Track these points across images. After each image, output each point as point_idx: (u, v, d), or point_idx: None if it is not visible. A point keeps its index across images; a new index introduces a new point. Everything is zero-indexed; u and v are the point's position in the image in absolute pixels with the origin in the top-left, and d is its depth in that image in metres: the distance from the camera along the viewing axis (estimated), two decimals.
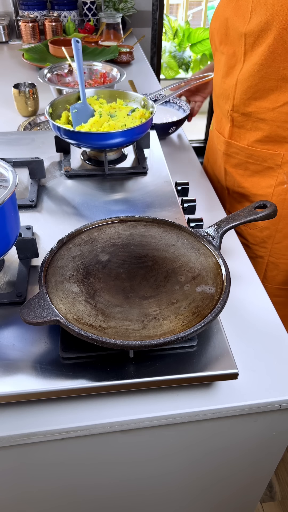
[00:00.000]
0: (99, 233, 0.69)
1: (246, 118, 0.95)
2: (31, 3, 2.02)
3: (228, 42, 0.92)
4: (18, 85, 1.32)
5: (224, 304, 0.57)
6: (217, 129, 1.07)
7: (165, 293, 0.59)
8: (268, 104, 0.89)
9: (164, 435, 0.59)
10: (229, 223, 0.69)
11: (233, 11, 0.87)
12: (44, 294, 0.56)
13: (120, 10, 2.14)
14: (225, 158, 1.05)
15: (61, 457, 0.59)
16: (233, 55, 0.92)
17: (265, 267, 1.06)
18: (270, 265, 1.06)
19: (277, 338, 0.65)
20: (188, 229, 0.70)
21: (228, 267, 0.62)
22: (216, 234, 0.68)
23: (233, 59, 0.92)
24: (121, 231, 0.70)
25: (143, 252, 0.66)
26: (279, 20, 0.78)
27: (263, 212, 0.70)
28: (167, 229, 0.71)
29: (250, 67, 0.88)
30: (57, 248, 0.65)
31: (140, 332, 0.53)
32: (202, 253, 0.66)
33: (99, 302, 0.57)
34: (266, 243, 1.03)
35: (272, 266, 1.06)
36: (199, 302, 0.57)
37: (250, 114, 0.93)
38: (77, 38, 0.94)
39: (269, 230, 1.01)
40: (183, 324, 0.54)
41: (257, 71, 0.86)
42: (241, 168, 1.02)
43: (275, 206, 0.70)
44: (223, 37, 0.93)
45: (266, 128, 0.92)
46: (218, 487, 0.73)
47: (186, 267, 0.63)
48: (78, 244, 0.67)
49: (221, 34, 0.93)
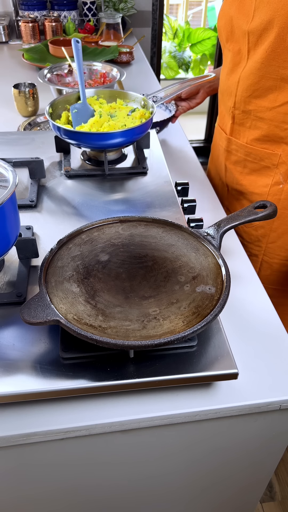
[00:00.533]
0: (99, 233, 0.69)
1: (246, 116, 0.95)
2: (31, 3, 2.02)
3: (234, 39, 0.92)
4: (18, 85, 1.32)
5: (224, 304, 0.57)
6: (220, 125, 1.08)
7: (165, 293, 0.59)
8: (267, 103, 0.89)
9: (164, 435, 0.59)
10: (229, 223, 0.69)
11: (238, 9, 0.88)
12: (44, 294, 0.56)
13: (120, 10, 2.14)
14: (225, 155, 1.06)
15: (61, 457, 0.59)
16: (238, 53, 0.92)
17: (259, 265, 1.07)
18: (264, 264, 1.06)
19: (277, 338, 0.65)
20: (188, 229, 0.70)
21: (228, 267, 0.62)
22: (216, 234, 0.68)
23: (238, 56, 0.92)
24: (121, 231, 0.70)
25: (143, 252, 0.66)
26: (280, 19, 0.78)
27: (263, 212, 0.70)
28: (167, 229, 0.71)
29: (252, 65, 0.88)
30: (57, 248, 0.65)
31: (140, 332, 0.53)
32: (202, 253, 0.66)
33: (99, 302, 0.57)
34: (261, 241, 1.03)
35: (266, 266, 1.06)
36: (199, 302, 0.57)
37: (250, 112, 0.94)
38: (77, 38, 0.95)
39: (264, 229, 1.01)
40: (183, 324, 0.54)
41: (258, 69, 0.86)
42: (240, 166, 1.03)
43: (275, 206, 0.70)
44: (229, 34, 0.93)
45: (265, 127, 0.92)
46: (218, 487, 0.73)
47: (186, 267, 0.63)
48: (78, 244, 0.67)
49: (227, 32, 0.94)
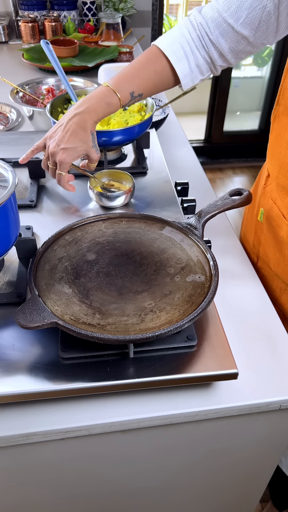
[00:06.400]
0: (82, 232, 0.70)
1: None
2: (31, 3, 2.02)
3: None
4: None
5: (215, 290, 0.58)
6: (280, 208, 0.79)
7: (157, 286, 0.60)
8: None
9: (164, 435, 0.59)
10: (210, 212, 0.72)
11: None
12: (37, 297, 0.56)
13: (120, 10, 2.14)
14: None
15: (61, 457, 0.59)
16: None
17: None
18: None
19: (277, 338, 0.65)
20: (170, 221, 0.71)
21: (213, 255, 0.64)
22: (198, 224, 0.70)
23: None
24: (104, 229, 0.71)
25: (129, 248, 0.67)
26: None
27: (239, 198, 0.72)
28: (149, 223, 0.72)
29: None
30: (42, 250, 0.65)
31: (139, 326, 0.54)
32: (187, 243, 0.68)
33: (94, 300, 0.58)
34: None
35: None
36: (192, 291, 0.59)
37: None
38: (46, 40, 0.93)
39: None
40: (179, 314, 0.56)
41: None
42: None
43: (249, 192, 0.73)
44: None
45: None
46: (218, 487, 0.73)
47: (173, 258, 0.65)
48: (63, 245, 0.67)
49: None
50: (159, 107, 1.16)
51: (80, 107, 0.73)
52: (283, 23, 0.71)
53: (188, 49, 0.75)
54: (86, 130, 0.72)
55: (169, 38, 0.76)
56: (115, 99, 0.73)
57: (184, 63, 0.76)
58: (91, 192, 0.83)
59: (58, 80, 1.38)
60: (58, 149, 0.71)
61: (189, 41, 0.75)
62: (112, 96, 0.73)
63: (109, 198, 0.82)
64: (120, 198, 0.82)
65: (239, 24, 0.71)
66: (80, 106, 0.73)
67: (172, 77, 0.78)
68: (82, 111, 0.72)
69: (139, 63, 0.76)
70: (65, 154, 0.71)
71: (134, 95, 0.75)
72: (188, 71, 0.77)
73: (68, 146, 0.71)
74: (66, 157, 0.71)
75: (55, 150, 0.72)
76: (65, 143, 0.71)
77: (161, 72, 0.76)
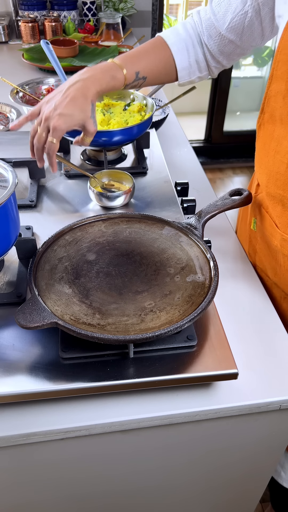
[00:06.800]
0: (82, 232, 0.70)
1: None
2: (31, 3, 2.02)
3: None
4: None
5: (215, 290, 0.58)
6: (273, 217, 0.74)
7: (157, 286, 0.60)
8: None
9: (164, 435, 0.59)
10: (210, 212, 0.72)
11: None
12: (37, 297, 0.56)
13: (120, 10, 2.14)
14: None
15: (61, 457, 0.59)
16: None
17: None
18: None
19: (277, 338, 0.65)
20: (170, 221, 0.71)
21: (213, 255, 0.64)
22: (198, 224, 0.70)
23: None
24: (104, 229, 0.71)
25: (130, 248, 0.67)
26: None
27: (239, 198, 0.73)
28: (149, 223, 0.72)
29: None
30: (42, 251, 0.65)
31: (139, 326, 0.54)
32: (186, 243, 0.68)
33: (94, 301, 0.58)
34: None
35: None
36: (192, 291, 0.59)
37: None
38: (46, 40, 0.93)
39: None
40: (179, 314, 0.56)
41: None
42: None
43: (249, 193, 0.73)
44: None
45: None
46: (218, 487, 0.73)
47: (173, 259, 0.65)
48: (63, 245, 0.67)
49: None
50: (159, 107, 1.16)
51: (84, 74, 0.69)
52: (267, 28, 0.71)
53: (190, 43, 0.77)
54: (87, 98, 0.67)
55: (173, 32, 0.78)
56: (120, 74, 0.71)
57: (184, 56, 0.77)
58: (91, 192, 0.83)
59: (58, 80, 1.38)
60: (54, 114, 0.66)
61: (191, 36, 0.77)
62: (117, 70, 0.71)
63: (109, 198, 0.82)
64: (120, 198, 0.82)
65: (225, 28, 0.73)
66: (84, 73, 0.69)
67: (174, 68, 0.78)
68: (86, 77, 0.68)
69: (146, 47, 0.77)
70: (61, 120, 0.65)
71: (139, 76, 0.74)
72: (186, 64, 0.78)
73: (65, 112, 0.66)
74: (61, 123, 0.65)
75: (51, 114, 0.66)
76: (62, 109, 0.66)
77: (165, 60, 0.77)
